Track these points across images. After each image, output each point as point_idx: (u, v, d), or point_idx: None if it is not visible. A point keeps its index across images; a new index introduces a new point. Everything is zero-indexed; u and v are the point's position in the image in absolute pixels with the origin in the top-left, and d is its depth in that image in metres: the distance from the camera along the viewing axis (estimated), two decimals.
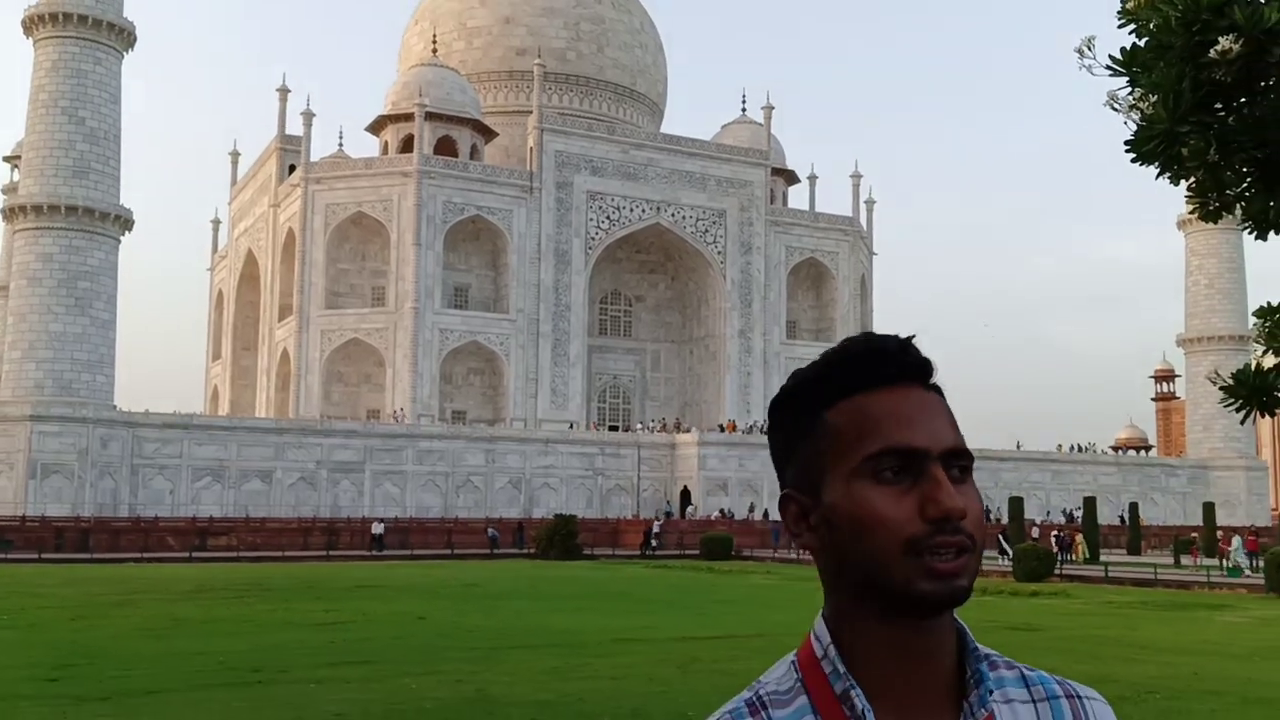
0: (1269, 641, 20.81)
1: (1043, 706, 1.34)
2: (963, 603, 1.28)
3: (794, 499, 1.38)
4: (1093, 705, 1.37)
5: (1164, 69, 4.72)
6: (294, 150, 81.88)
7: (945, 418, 1.35)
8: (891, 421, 1.31)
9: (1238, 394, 5.53)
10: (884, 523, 1.26)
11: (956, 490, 1.29)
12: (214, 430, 63.40)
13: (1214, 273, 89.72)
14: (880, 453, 1.29)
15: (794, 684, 1.34)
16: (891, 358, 1.35)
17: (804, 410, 1.37)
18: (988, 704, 1.30)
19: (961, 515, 1.26)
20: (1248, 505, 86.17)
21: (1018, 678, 1.37)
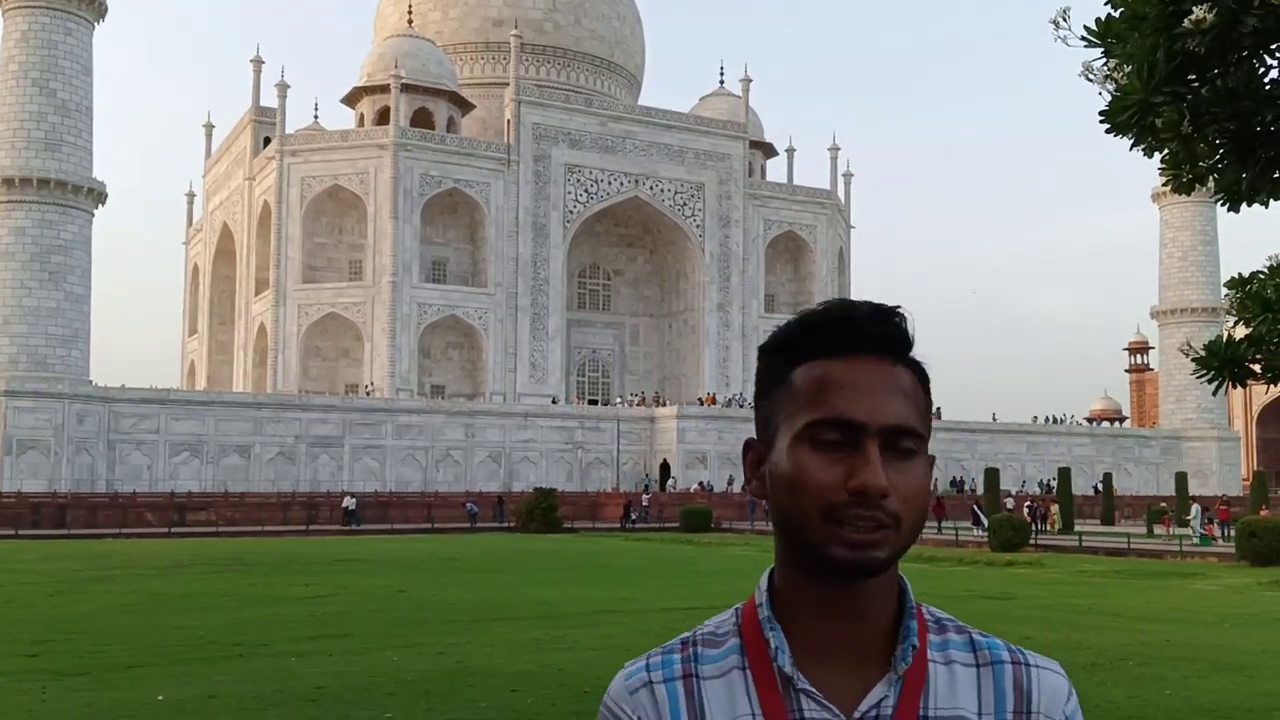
0: (1239, 609, 21.10)
1: (985, 671, 1.37)
2: (878, 573, 1.32)
3: (754, 446, 1.44)
4: (1039, 673, 1.37)
5: (1138, 40, 4.75)
6: (269, 122, 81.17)
7: (899, 393, 1.36)
8: (841, 392, 1.34)
9: (1210, 365, 5.60)
10: (811, 486, 1.31)
11: (894, 468, 1.32)
12: (191, 405, 63.08)
13: (1187, 245, 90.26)
14: (821, 420, 1.33)
15: (731, 628, 1.40)
16: (856, 327, 1.38)
17: (778, 364, 1.41)
18: (908, 659, 1.34)
19: (881, 493, 1.29)
20: (1220, 475, 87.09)
21: (966, 641, 1.40)
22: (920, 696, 1.34)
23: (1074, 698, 1.38)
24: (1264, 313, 5.39)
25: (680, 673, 1.37)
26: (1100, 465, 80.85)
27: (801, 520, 1.32)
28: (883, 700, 1.33)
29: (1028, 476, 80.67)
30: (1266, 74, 4.93)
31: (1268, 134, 5.02)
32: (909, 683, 1.34)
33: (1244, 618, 19.49)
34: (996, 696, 1.35)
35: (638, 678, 1.38)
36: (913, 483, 1.32)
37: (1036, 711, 1.34)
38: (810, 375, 1.37)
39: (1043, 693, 1.36)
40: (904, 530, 1.31)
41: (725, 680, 1.36)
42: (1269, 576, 28.25)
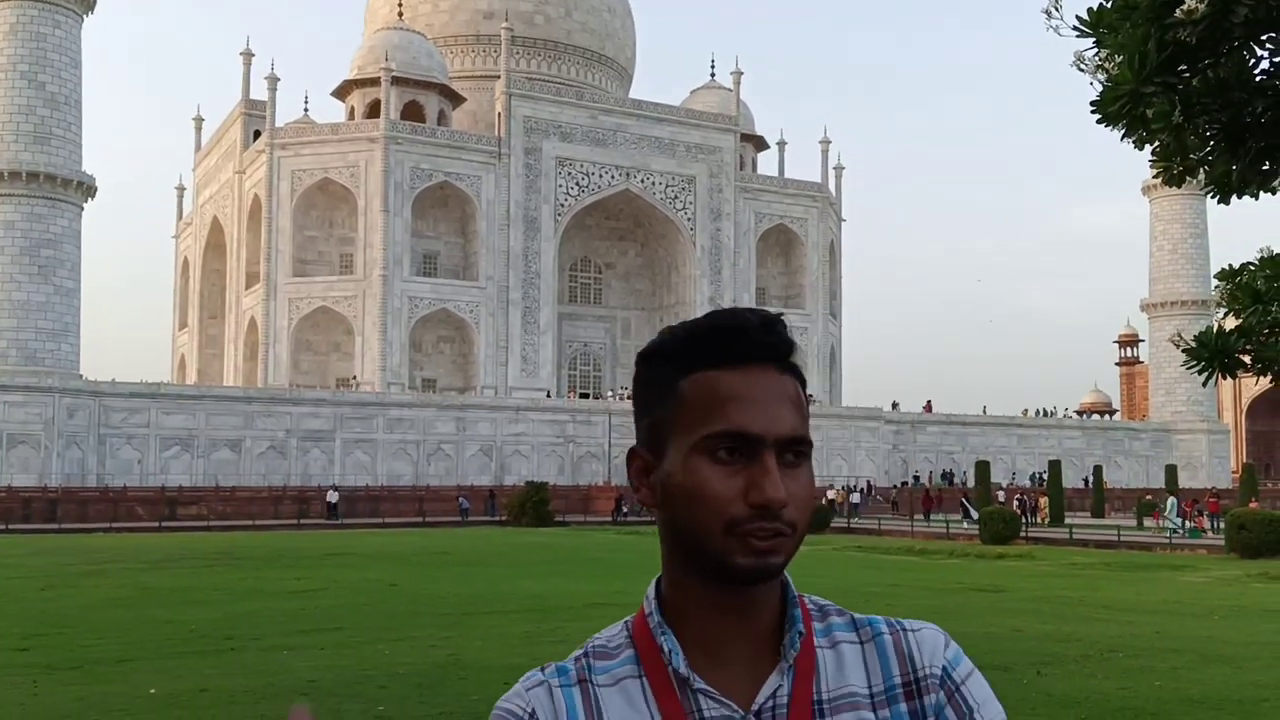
0: (1228, 601, 21.18)
1: (868, 646, 1.40)
2: (775, 577, 1.36)
3: (639, 454, 1.44)
4: (916, 635, 1.41)
5: (1130, 29, 4.75)
6: (259, 115, 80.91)
7: (790, 403, 1.38)
8: (736, 404, 1.35)
9: (1200, 356, 5.61)
10: (711, 499, 1.32)
11: (787, 475, 1.34)
12: (182, 399, 62.93)
13: (1177, 238, 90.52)
14: (719, 433, 1.34)
15: (624, 640, 1.42)
16: (749, 337, 1.39)
17: (664, 373, 1.41)
18: (797, 645, 1.37)
19: (782, 505, 1.31)
20: (1209, 468, 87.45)
21: (848, 622, 1.43)
22: (812, 682, 1.37)
23: (953, 645, 1.42)
24: (1254, 304, 5.40)
25: (575, 679, 1.39)
26: (1090, 458, 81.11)
27: (702, 532, 1.34)
28: (777, 690, 1.36)
29: (1018, 469, 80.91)
30: (1257, 64, 4.94)
31: (1258, 125, 5.02)
32: (800, 671, 1.37)
33: (1233, 610, 19.56)
34: (882, 666, 1.39)
35: (533, 679, 1.40)
36: (803, 489, 1.36)
37: (921, 668, 1.39)
38: (703, 386, 1.37)
39: (923, 650, 1.40)
40: (798, 535, 1.35)
41: (619, 688, 1.38)
42: (1258, 569, 28.36)
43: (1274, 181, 5.54)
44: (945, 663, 1.40)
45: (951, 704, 1.38)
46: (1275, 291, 5.41)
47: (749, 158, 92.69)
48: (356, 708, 10.73)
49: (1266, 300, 5.42)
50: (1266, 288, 5.43)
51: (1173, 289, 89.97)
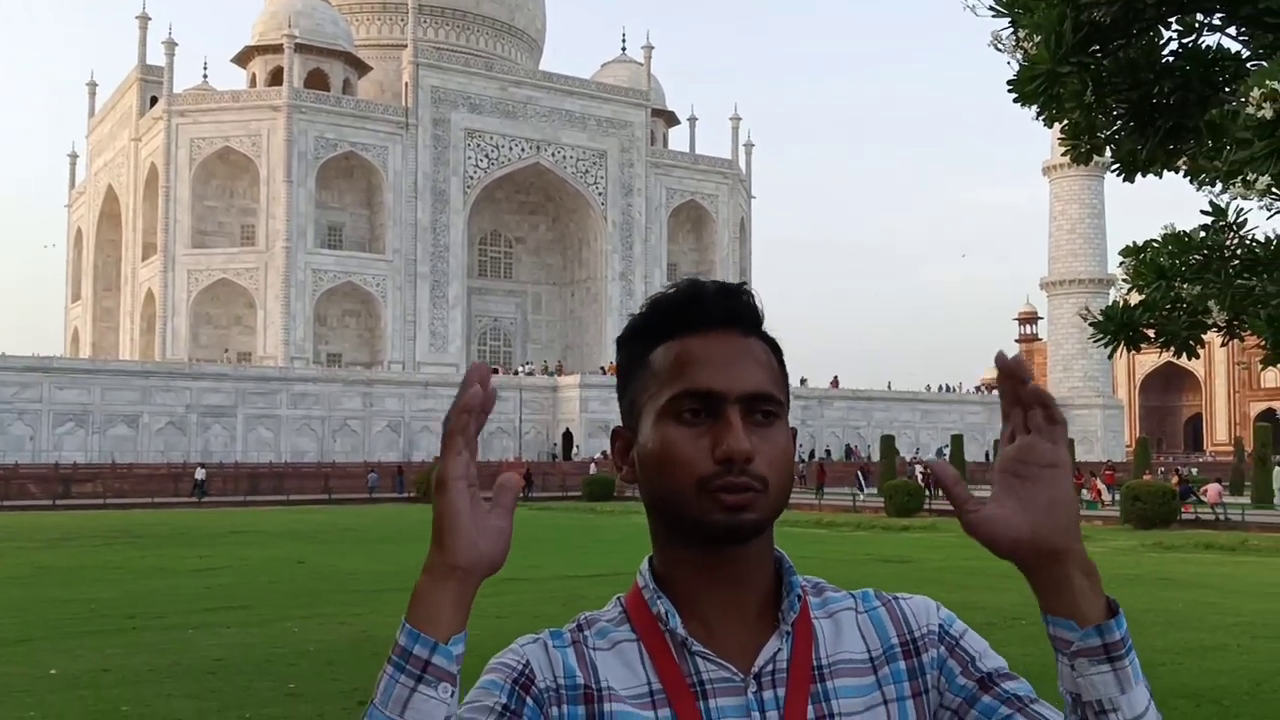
0: (1124, 570, 21.88)
1: (863, 616, 1.42)
2: (752, 534, 1.34)
3: (621, 434, 1.45)
4: (909, 603, 1.44)
5: (1045, 10, 4.83)
6: (155, 82, 78.53)
7: (754, 362, 1.39)
8: (697, 365, 1.36)
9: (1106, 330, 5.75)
10: (680, 461, 1.33)
11: (757, 434, 1.34)
12: (76, 374, 61.03)
13: (1076, 218, 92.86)
14: (682, 394, 1.36)
15: (618, 614, 1.42)
16: (707, 303, 1.41)
17: (636, 351, 1.45)
18: (796, 608, 1.38)
19: (745, 457, 1.31)
20: (1104, 442, 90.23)
21: (843, 596, 1.46)
22: (811, 647, 1.38)
23: (944, 609, 1.44)
24: (1157, 280, 5.55)
25: (570, 640, 1.38)
26: (991, 432, 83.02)
27: (676, 496, 1.34)
28: (777, 653, 1.36)
29: (922, 444, 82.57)
30: (1166, 45, 5.06)
31: (1166, 105, 5.15)
32: (799, 636, 1.38)
33: (1129, 579, 20.22)
34: (879, 632, 1.40)
35: (528, 638, 1.39)
36: (775, 447, 1.35)
37: (916, 628, 1.40)
38: (668, 354, 1.39)
39: (915, 613, 1.42)
40: (772, 493, 1.34)
41: (616, 651, 1.37)
42: (1152, 539, 29.37)
43: (1178, 161, 5.70)
44: (940, 621, 1.42)
45: (954, 655, 1.39)
46: (1178, 268, 5.57)
47: (660, 133, 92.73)
48: (267, 685, 10.56)
49: (1170, 276, 5.57)
50: (1170, 264, 5.59)
51: (1071, 268, 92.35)
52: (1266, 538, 29.09)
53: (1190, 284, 5.43)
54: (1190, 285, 5.43)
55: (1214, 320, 5.32)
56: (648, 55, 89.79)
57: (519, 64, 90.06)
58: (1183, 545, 27.50)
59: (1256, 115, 3.82)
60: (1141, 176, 5.74)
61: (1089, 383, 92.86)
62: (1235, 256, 5.33)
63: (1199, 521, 35.29)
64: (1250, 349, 75.88)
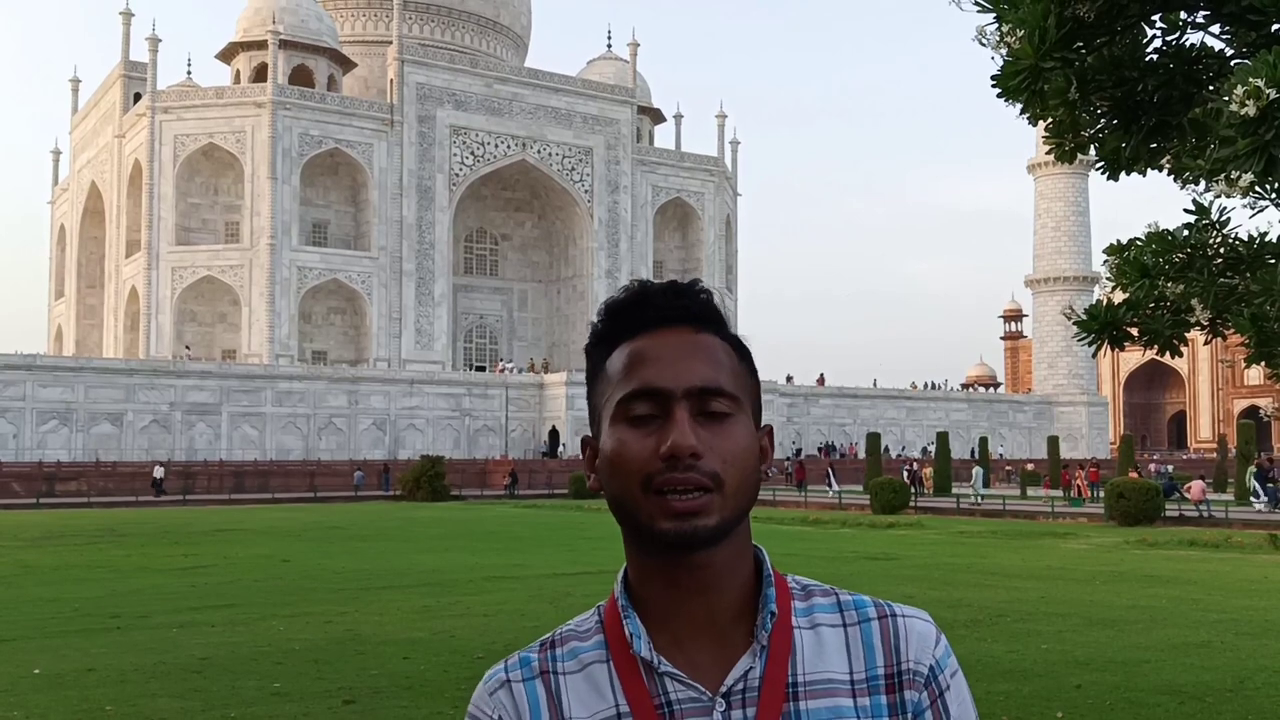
0: (1109, 566, 21.98)
1: (853, 630, 1.36)
2: (708, 543, 1.30)
3: (589, 442, 1.43)
4: (906, 622, 1.37)
5: (1030, 5, 4.83)
6: (139, 78, 78.14)
7: (704, 358, 1.35)
8: (645, 364, 1.34)
9: (1090, 328, 5.76)
10: (629, 461, 1.30)
11: (710, 430, 1.31)
12: (59, 371, 60.67)
13: (1061, 216, 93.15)
14: (630, 394, 1.33)
15: (594, 625, 1.40)
16: (655, 302, 1.39)
17: (597, 358, 1.42)
18: (768, 626, 1.33)
19: (690, 452, 1.28)
20: (1089, 439, 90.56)
21: (833, 603, 1.39)
22: (787, 664, 1.33)
23: (943, 641, 1.38)
24: (1141, 278, 5.56)
25: (538, 670, 1.36)
26: (976, 430, 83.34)
27: (627, 497, 1.31)
28: (749, 672, 1.32)
29: (908, 441, 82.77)
30: (1150, 43, 5.06)
31: (1150, 103, 5.16)
32: (774, 651, 1.33)
33: (1114, 575, 20.31)
34: (866, 653, 1.34)
35: (495, 679, 1.37)
36: (731, 443, 1.31)
37: (906, 660, 1.34)
38: (620, 357, 1.37)
39: (910, 641, 1.35)
40: (729, 492, 1.29)
41: (585, 674, 1.35)
42: (1136, 536, 29.50)
43: (1162, 159, 5.71)
44: (933, 661, 1.36)
45: (933, 709, 1.34)
46: (1161, 266, 5.58)
47: (646, 130, 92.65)
48: (252, 684, 10.51)
49: (1153, 275, 5.59)
50: (1153, 262, 5.60)
51: (1056, 265, 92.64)
52: (1250, 534, 29.23)
53: (1174, 282, 5.44)
54: (1174, 284, 5.44)
55: (1197, 319, 5.33)
56: (634, 52, 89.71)
57: (505, 61, 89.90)
58: (1166, 542, 27.62)
59: (1240, 113, 3.83)
60: (1125, 174, 5.75)
61: (1073, 380, 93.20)
62: (1218, 255, 5.34)
63: (1183, 519, 35.46)
64: (1233, 347, 76.21)
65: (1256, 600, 16.77)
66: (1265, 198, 4.47)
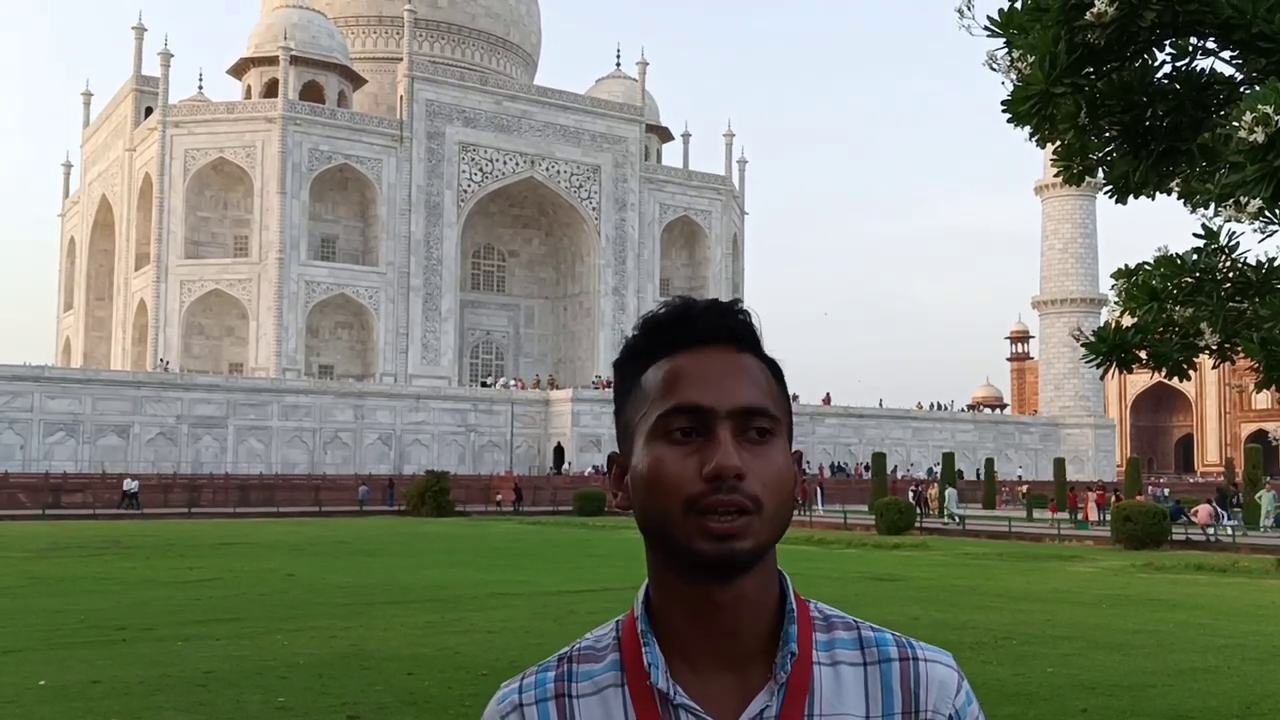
0: (1115, 590, 21.90)
1: (872, 670, 1.33)
2: (746, 567, 1.29)
3: (616, 460, 1.40)
4: (927, 667, 1.34)
5: (1040, 31, 4.86)
6: (151, 92, 78.60)
7: (747, 378, 1.34)
8: (687, 382, 1.32)
9: (1098, 350, 5.77)
10: (669, 481, 1.28)
11: (751, 452, 1.29)
12: (67, 383, 60.86)
13: (1068, 237, 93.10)
14: (671, 411, 1.31)
15: (611, 642, 1.37)
16: (697, 320, 1.37)
17: (630, 373, 1.40)
18: (788, 667, 1.31)
19: (736, 474, 1.26)
20: (1095, 461, 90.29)
21: (854, 639, 1.36)
22: (804, 703, 1.30)
23: (964, 689, 1.35)
24: (1150, 302, 5.57)
25: (553, 692, 1.34)
26: (982, 451, 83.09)
27: (664, 518, 1.29)
28: (764, 710, 1.29)
29: (914, 461, 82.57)
30: (1159, 69, 5.10)
31: (1159, 128, 5.19)
32: (792, 690, 1.30)
33: (1120, 599, 20.23)
34: (884, 696, 1.31)
35: (508, 701, 1.35)
36: (771, 467, 1.30)
37: (925, 708, 1.31)
38: (658, 373, 1.35)
39: (930, 688, 1.32)
40: (766, 517, 1.28)
41: (600, 698, 1.33)
42: (1143, 559, 29.36)
43: (1170, 183, 5.73)
44: (953, 711, 1.33)
45: None
46: (1170, 290, 5.60)
47: (654, 148, 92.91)
48: (257, 699, 10.51)
49: (1162, 299, 5.60)
50: (1162, 286, 5.61)
51: (1063, 287, 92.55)
52: (1257, 559, 29.11)
53: (1182, 306, 5.45)
54: (1182, 308, 5.45)
55: (1206, 343, 5.34)
56: (642, 71, 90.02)
57: (514, 78, 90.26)
58: (1173, 566, 27.49)
59: (1249, 139, 3.86)
60: (1134, 198, 5.77)
61: (1080, 402, 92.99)
62: (1227, 279, 5.35)
63: (1190, 542, 35.33)
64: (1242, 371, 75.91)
65: (1264, 625, 16.69)
66: (1274, 223, 4.49)
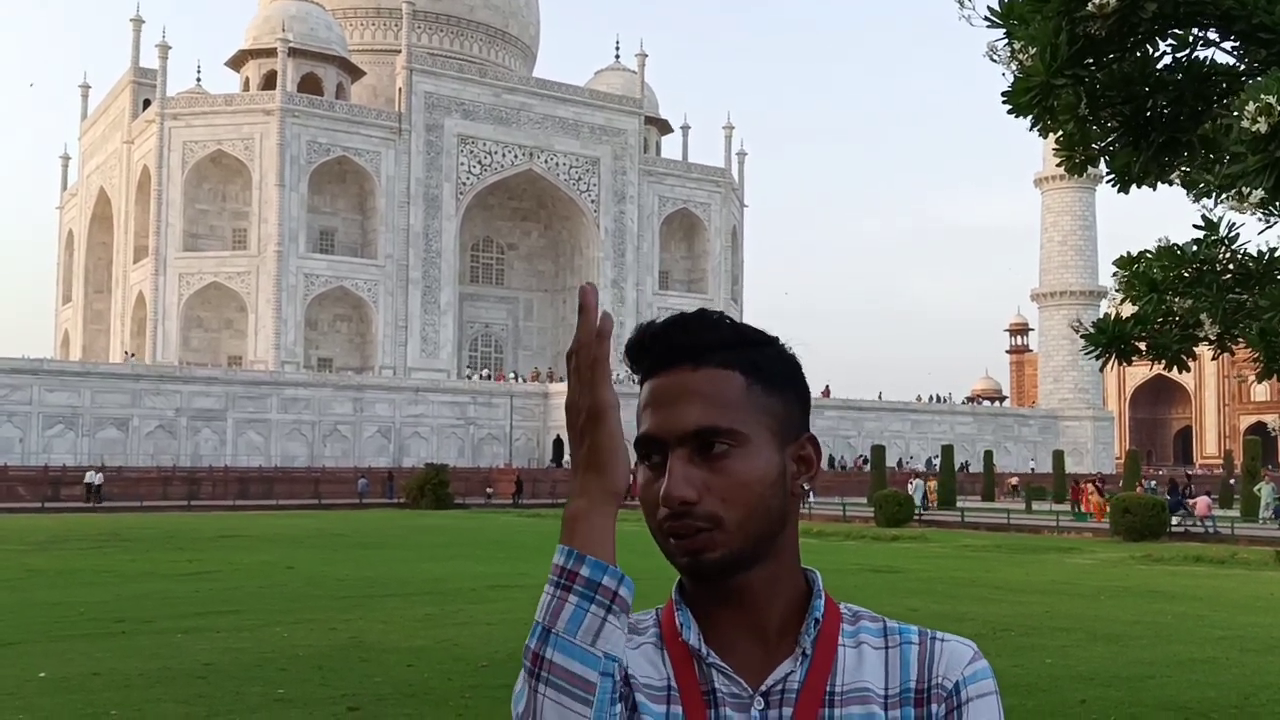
0: (1113, 581, 21.93)
1: (893, 651, 1.39)
2: (716, 574, 1.35)
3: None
4: (945, 644, 1.39)
5: (1041, 22, 4.85)
6: (149, 84, 78.51)
7: (695, 398, 1.35)
8: (650, 409, 1.38)
9: (1098, 342, 5.76)
10: (646, 504, 1.36)
11: (710, 469, 1.33)
12: (66, 376, 60.87)
13: (1067, 230, 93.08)
14: (638, 441, 1.39)
15: (651, 622, 1.44)
16: (652, 348, 1.39)
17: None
18: (812, 632, 1.37)
19: (681, 501, 1.31)
20: (1094, 454, 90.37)
21: (879, 629, 1.42)
22: (828, 674, 1.36)
23: (979, 663, 1.38)
24: (1150, 292, 5.56)
25: None
26: (981, 443, 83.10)
27: (652, 534, 1.37)
28: (789, 676, 1.35)
29: (913, 454, 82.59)
30: (1160, 59, 5.08)
31: (1160, 119, 5.18)
32: (817, 661, 1.36)
33: (1119, 590, 20.26)
34: (903, 670, 1.37)
35: None
36: (729, 481, 1.33)
37: (935, 677, 1.36)
38: (642, 396, 1.40)
39: (945, 658, 1.37)
40: (731, 527, 1.32)
41: (642, 651, 1.39)
42: (1141, 551, 29.41)
43: (1172, 174, 5.72)
44: (960, 677, 1.37)
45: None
46: (1170, 281, 5.59)
47: (653, 141, 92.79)
48: (257, 690, 10.53)
49: (1162, 289, 5.59)
50: (1163, 277, 5.60)
51: (1062, 279, 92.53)
52: (1255, 551, 29.15)
53: (1182, 297, 5.44)
54: (1182, 298, 5.44)
55: (1205, 334, 5.33)
56: (641, 63, 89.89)
57: (513, 70, 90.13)
58: (1172, 558, 27.55)
59: (1250, 129, 3.84)
60: (1136, 188, 5.76)
61: (1079, 394, 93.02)
62: (1228, 270, 5.34)
63: (1188, 534, 35.38)
64: (1241, 362, 76.12)
65: (1262, 616, 16.72)
66: (1276, 214, 4.48)
